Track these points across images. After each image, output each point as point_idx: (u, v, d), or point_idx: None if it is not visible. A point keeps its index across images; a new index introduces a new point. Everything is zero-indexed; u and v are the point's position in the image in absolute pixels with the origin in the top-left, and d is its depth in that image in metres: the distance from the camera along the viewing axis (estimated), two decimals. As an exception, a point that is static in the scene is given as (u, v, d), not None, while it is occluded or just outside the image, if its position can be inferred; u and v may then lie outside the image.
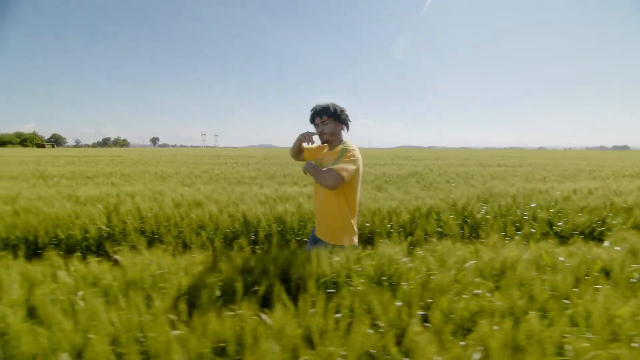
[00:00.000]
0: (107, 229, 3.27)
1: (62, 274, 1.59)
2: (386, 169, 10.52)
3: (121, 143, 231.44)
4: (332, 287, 1.52)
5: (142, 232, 3.33)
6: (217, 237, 3.22)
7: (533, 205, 3.93)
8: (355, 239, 2.06)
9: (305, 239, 3.34)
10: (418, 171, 9.49)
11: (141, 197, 4.01)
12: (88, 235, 3.17)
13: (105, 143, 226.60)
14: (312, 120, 2.10)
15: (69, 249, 3.08)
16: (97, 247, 3.15)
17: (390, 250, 1.71)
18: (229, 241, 3.23)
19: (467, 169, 10.70)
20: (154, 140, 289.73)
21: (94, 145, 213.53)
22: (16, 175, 8.18)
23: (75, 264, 1.73)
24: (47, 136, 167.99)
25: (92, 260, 1.76)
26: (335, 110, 2.06)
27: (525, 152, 62.82)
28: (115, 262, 1.77)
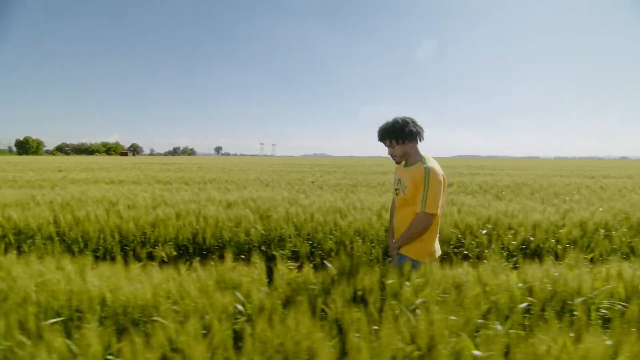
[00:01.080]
0: (264, 232, 3.39)
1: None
2: (480, 178, 9.91)
3: (189, 152, 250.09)
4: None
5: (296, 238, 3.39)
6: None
7: None
8: (437, 254, 2.02)
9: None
10: (519, 181, 8.79)
11: (281, 203, 4.16)
12: (250, 239, 3.30)
13: (175, 152, 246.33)
14: (381, 141, 2.05)
15: (236, 251, 3.23)
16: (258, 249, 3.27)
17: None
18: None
19: (569, 180, 9.69)
20: (218, 149, 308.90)
21: (166, 154, 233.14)
22: (136, 180, 9.04)
23: (281, 267, 1.75)
24: (127, 145, 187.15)
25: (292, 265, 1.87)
26: (397, 130, 1.96)
27: (603, 162, 56.01)
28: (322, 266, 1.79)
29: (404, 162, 2.08)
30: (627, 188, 7.12)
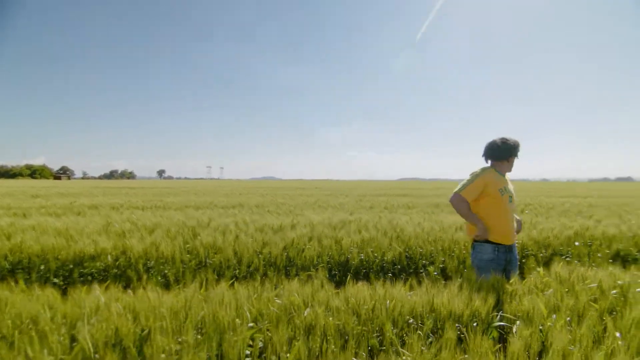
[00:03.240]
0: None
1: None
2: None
3: (128, 175, 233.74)
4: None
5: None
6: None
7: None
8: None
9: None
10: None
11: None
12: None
13: (112, 175, 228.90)
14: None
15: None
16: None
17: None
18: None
19: (552, 200, 11.56)
20: (161, 173, 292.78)
21: (101, 177, 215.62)
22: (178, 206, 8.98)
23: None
24: (55, 168, 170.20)
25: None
26: (486, 152, 2.68)
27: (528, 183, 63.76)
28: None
29: (505, 175, 2.70)
30: (586, 207, 8.96)
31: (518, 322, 1.93)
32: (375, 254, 3.84)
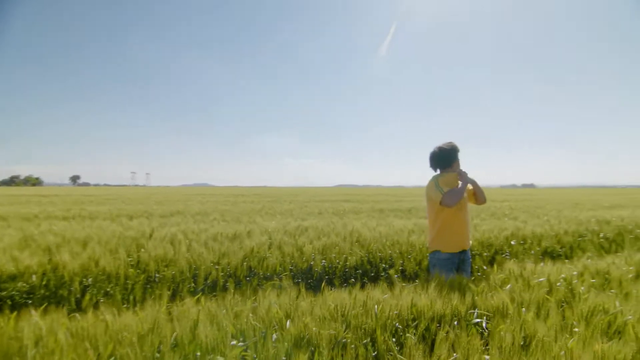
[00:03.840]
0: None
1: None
2: (404, 205, 12.03)
3: (33, 181, 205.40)
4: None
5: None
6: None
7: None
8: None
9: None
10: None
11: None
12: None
13: (12, 181, 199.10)
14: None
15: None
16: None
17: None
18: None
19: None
20: (75, 179, 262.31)
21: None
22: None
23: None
24: None
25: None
26: (432, 162, 2.86)
27: None
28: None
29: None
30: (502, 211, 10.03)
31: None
32: (338, 260, 3.82)
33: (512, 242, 4.67)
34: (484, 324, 2.04)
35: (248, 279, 3.46)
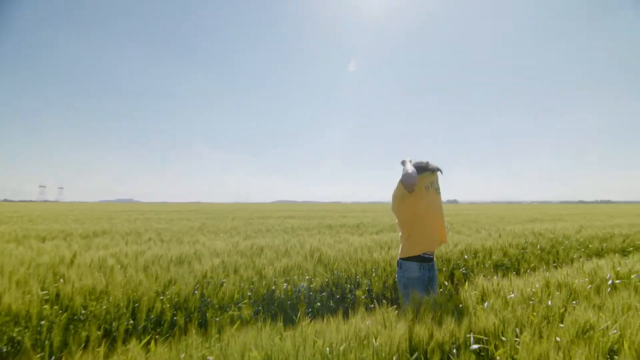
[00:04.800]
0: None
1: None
2: (350, 220, 12.03)
3: None
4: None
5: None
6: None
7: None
8: None
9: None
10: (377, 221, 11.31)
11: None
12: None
13: None
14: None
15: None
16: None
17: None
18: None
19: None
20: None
21: None
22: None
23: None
24: None
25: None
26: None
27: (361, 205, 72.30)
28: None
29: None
30: (474, 224, 10.53)
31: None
32: (302, 282, 3.49)
33: (466, 257, 4.77)
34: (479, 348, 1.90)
35: (202, 310, 2.97)
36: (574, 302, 2.72)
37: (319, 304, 3.43)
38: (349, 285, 3.68)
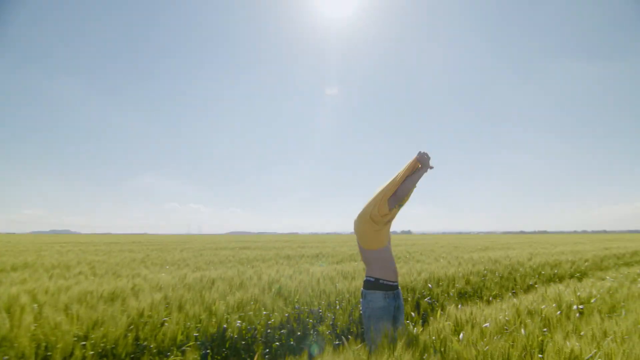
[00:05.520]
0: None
1: None
2: (309, 251, 11.62)
3: None
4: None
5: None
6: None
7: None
8: None
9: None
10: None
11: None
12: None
13: None
14: None
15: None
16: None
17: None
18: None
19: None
20: None
21: None
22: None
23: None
24: None
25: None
26: None
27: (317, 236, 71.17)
28: None
29: None
30: (426, 253, 10.52)
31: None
32: (258, 319, 3.09)
33: (430, 285, 4.63)
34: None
35: (135, 356, 2.45)
36: (544, 329, 2.61)
37: (277, 343, 3.03)
38: (311, 320, 3.32)
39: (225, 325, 2.90)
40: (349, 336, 3.27)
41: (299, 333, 3.19)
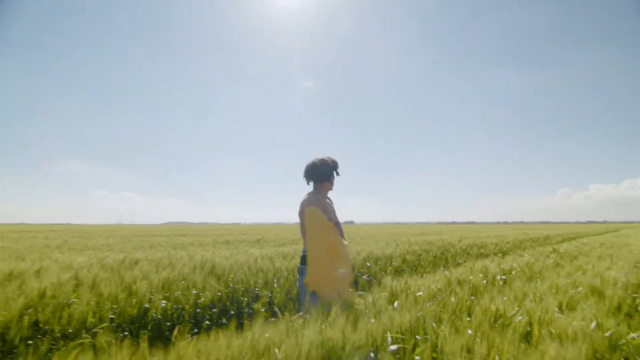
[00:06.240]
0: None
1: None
2: (251, 237, 11.26)
3: None
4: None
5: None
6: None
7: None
8: None
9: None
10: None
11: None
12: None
13: None
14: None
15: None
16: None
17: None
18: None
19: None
20: None
21: None
22: None
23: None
24: None
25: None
26: (309, 174, 2.46)
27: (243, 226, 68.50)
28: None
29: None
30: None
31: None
32: (187, 298, 2.84)
33: (368, 264, 4.69)
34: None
35: (32, 341, 2.09)
36: (472, 297, 2.73)
37: (208, 322, 2.82)
38: (246, 299, 3.14)
39: (147, 306, 2.61)
40: (286, 313, 3.16)
41: (232, 312, 3.01)
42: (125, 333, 2.47)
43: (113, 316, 2.49)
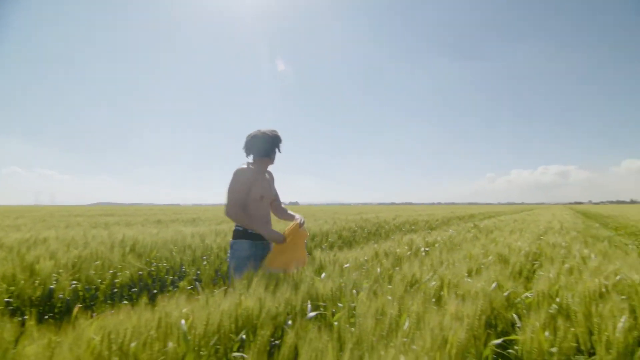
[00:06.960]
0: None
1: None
2: (186, 217, 10.78)
3: None
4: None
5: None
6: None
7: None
8: None
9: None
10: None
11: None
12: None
13: None
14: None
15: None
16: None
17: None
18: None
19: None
20: None
21: None
22: None
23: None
24: None
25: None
26: (249, 147, 2.36)
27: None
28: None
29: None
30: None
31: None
32: (101, 278, 2.61)
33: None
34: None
35: None
36: (396, 268, 2.87)
37: (126, 302, 2.63)
38: (170, 277, 2.99)
39: (52, 287, 2.35)
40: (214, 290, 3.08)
41: (155, 291, 2.84)
42: (26, 317, 2.21)
43: (10, 299, 2.21)
